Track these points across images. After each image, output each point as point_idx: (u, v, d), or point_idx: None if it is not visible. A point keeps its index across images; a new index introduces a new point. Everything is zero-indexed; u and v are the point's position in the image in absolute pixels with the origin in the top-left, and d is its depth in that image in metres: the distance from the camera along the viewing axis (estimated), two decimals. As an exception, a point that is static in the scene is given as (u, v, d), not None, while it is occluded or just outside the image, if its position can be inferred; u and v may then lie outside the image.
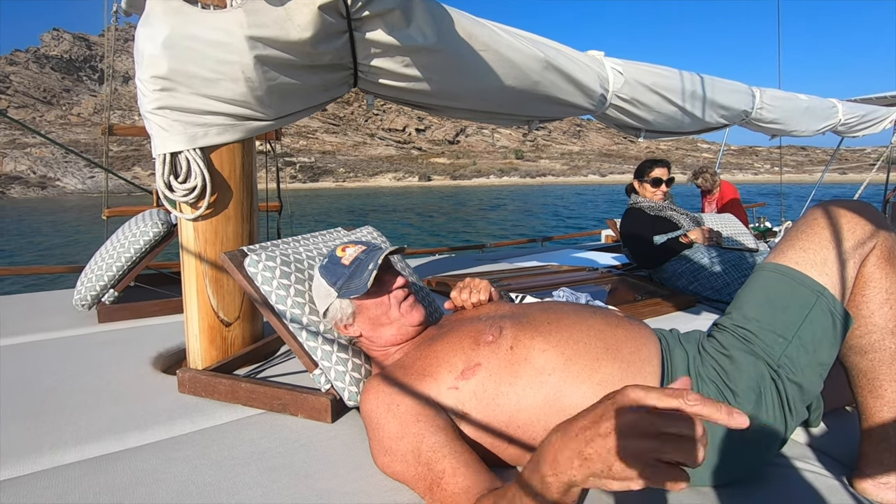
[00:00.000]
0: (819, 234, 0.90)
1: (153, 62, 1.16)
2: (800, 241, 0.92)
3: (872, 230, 0.88)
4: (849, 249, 0.88)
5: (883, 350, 0.88)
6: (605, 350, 0.90)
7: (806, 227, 0.93)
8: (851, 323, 0.89)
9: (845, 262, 0.88)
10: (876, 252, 0.88)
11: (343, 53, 1.33)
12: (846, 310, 0.89)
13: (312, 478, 0.93)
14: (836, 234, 0.88)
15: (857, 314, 0.90)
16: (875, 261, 0.89)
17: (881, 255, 0.88)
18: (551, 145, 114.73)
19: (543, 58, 1.72)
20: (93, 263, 2.05)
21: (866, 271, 0.89)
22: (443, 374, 0.92)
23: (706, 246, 2.46)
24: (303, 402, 1.16)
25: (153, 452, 1.02)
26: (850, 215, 0.89)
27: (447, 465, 0.79)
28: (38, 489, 0.90)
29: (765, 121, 2.92)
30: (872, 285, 0.89)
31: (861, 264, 0.89)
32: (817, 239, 0.90)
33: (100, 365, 1.49)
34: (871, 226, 0.88)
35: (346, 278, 1.06)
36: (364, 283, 1.02)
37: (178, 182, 1.28)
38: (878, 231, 0.88)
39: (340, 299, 1.07)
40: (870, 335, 0.89)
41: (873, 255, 0.89)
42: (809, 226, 0.92)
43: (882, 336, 0.88)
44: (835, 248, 0.88)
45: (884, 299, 0.88)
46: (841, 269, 0.88)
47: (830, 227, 0.89)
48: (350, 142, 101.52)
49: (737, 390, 0.88)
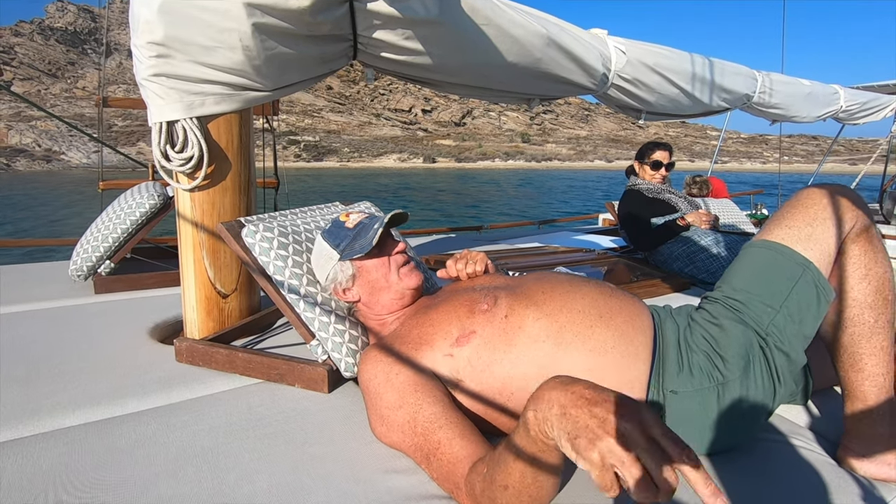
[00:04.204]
0: (803, 213, 0.95)
1: (149, 28, 1.14)
2: (786, 220, 0.97)
3: (852, 210, 0.93)
4: (831, 227, 0.93)
5: (862, 324, 0.92)
6: (599, 318, 0.91)
7: (791, 208, 0.98)
8: (833, 296, 0.93)
9: (828, 239, 0.93)
10: (855, 230, 0.93)
11: (343, 24, 1.31)
12: (829, 283, 0.93)
13: (309, 444, 0.95)
14: (819, 214, 0.94)
15: (838, 289, 0.94)
16: (855, 237, 0.93)
17: (860, 233, 0.93)
18: (558, 129, 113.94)
19: (546, 34, 1.69)
20: (88, 234, 2.04)
21: (847, 248, 0.94)
22: (438, 341, 0.93)
23: (703, 229, 2.47)
24: (300, 373, 1.17)
25: (153, 417, 1.04)
26: (831, 196, 0.95)
27: (443, 435, 0.81)
28: (38, 450, 0.91)
29: (766, 105, 2.90)
30: (852, 261, 0.93)
31: (842, 242, 0.94)
32: (802, 217, 0.95)
33: (96, 334, 1.49)
34: (850, 206, 0.93)
35: (349, 240, 1.09)
36: (370, 240, 1.05)
37: (174, 151, 1.27)
38: (856, 211, 0.93)
39: (342, 262, 1.09)
40: (849, 309, 0.93)
41: (853, 233, 0.94)
42: (794, 206, 0.98)
43: (861, 310, 0.92)
44: (818, 225, 0.93)
45: (862, 275, 0.92)
46: (824, 245, 0.93)
47: (815, 206, 0.95)
48: (356, 121, 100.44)
49: (726, 356, 0.90)
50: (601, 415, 0.53)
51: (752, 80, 2.72)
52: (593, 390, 0.57)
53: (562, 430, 0.55)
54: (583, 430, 0.53)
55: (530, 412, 0.60)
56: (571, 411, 0.55)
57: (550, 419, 0.57)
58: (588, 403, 0.55)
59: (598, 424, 0.53)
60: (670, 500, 0.50)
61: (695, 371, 0.90)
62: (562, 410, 0.56)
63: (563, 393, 0.57)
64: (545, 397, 0.59)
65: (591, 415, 0.54)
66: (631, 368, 0.89)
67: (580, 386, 0.58)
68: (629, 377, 0.88)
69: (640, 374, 0.89)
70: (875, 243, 0.93)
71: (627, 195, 2.71)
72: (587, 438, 0.52)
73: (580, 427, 0.54)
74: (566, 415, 0.55)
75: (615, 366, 0.88)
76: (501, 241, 3.56)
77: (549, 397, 0.58)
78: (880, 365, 0.91)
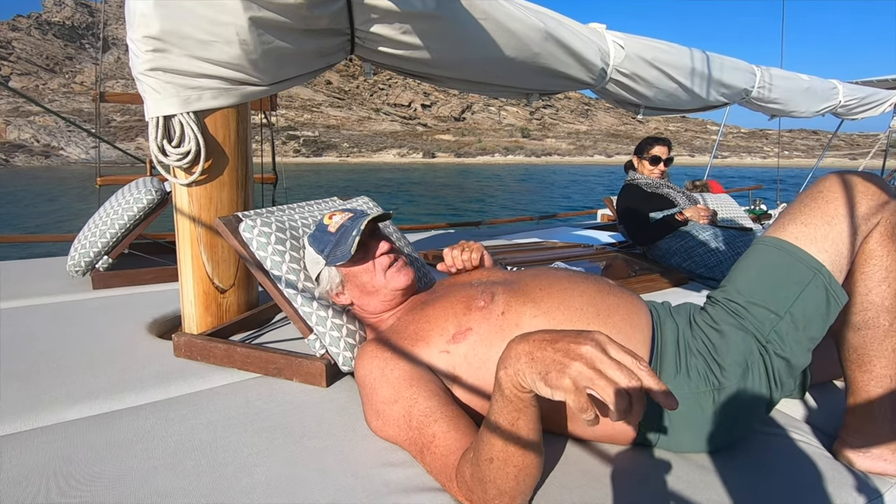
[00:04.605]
0: (823, 209, 0.88)
1: (145, 21, 1.13)
2: (802, 216, 0.90)
3: (880, 204, 0.86)
4: (852, 225, 0.86)
5: (877, 327, 0.88)
6: (597, 315, 0.91)
7: (810, 201, 0.90)
8: (845, 300, 0.88)
9: (847, 239, 0.86)
10: (880, 228, 0.87)
11: (340, 18, 1.31)
12: (842, 287, 0.88)
13: (307, 438, 0.95)
14: (839, 211, 0.86)
15: (854, 290, 0.89)
16: (878, 238, 0.87)
17: (885, 231, 0.86)
18: (558, 124, 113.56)
19: (544, 28, 1.69)
20: (86, 230, 2.04)
21: (868, 248, 0.88)
22: (434, 337, 0.93)
23: (701, 224, 2.48)
24: (298, 367, 1.17)
25: (151, 411, 1.04)
26: (860, 187, 0.86)
27: (437, 428, 0.81)
28: (37, 444, 0.92)
29: (765, 100, 2.89)
30: (873, 262, 0.87)
31: (864, 240, 0.88)
32: (820, 213, 0.88)
33: (95, 329, 1.50)
34: (879, 199, 0.86)
35: (332, 245, 1.07)
36: (347, 250, 1.03)
37: (171, 146, 1.26)
38: (886, 205, 0.86)
39: (329, 267, 1.08)
40: (865, 312, 0.89)
41: (877, 232, 0.87)
42: (814, 199, 0.90)
43: (877, 313, 0.88)
44: (837, 224, 0.86)
45: (882, 277, 0.87)
46: (841, 246, 0.86)
47: (836, 201, 0.87)
48: (355, 116, 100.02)
49: (724, 364, 0.88)
50: (563, 347, 0.59)
51: (750, 74, 2.72)
52: (551, 333, 0.63)
53: (534, 374, 0.60)
54: (551, 364, 0.59)
55: (501, 371, 0.65)
56: (537, 354, 0.61)
57: (521, 369, 0.62)
58: (549, 343, 0.61)
59: (563, 355, 0.58)
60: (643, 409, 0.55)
61: (692, 374, 0.88)
62: (529, 357, 0.61)
63: (525, 344, 0.63)
64: (511, 354, 0.64)
65: (554, 350, 0.59)
66: None
67: (538, 334, 0.64)
68: None
69: None
70: None
71: (626, 190, 2.71)
72: (556, 370, 0.58)
73: (548, 363, 0.59)
74: (534, 359, 0.61)
75: None
76: (500, 236, 3.56)
77: (515, 352, 0.63)
78: (889, 367, 0.88)
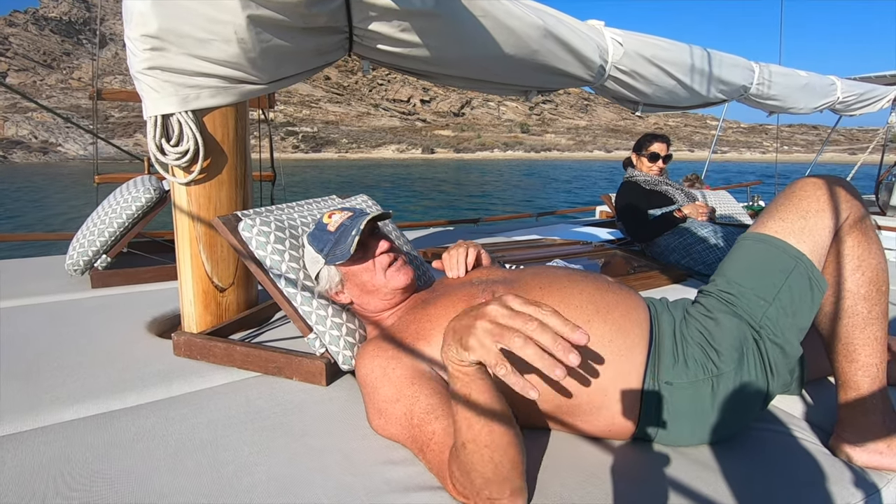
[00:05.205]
0: (797, 205, 0.95)
1: (143, 20, 1.13)
2: (779, 212, 0.97)
3: (846, 201, 0.93)
4: (824, 219, 0.93)
5: (856, 315, 0.92)
6: (596, 312, 0.92)
7: (785, 200, 0.98)
8: (826, 287, 0.93)
9: (821, 231, 0.93)
10: (849, 221, 0.94)
11: (338, 16, 1.30)
12: (822, 275, 0.94)
13: (307, 436, 0.95)
14: (812, 206, 0.94)
15: (831, 280, 0.95)
16: (847, 229, 0.94)
17: (853, 224, 0.94)
18: (558, 119, 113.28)
19: (542, 26, 1.68)
20: (84, 229, 2.03)
21: (840, 239, 0.94)
22: (436, 336, 0.93)
23: (700, 221, 2.48)
24: (298, 366, 1.17)
25: (151, 411, 1.04)
26: (825, 188, 0.94)
27: (437, 425, 0.82)
28: (38, 444, 0.92)
29: (763, 97, 2.89)
30: (846, 253, 0.94)
31: (836, 233, 0.94)
32: (795, 209, 0.95)
33: (94, 328, 1.50)
34: (844, 197, 0.93)
35: (331, 245, 1.07)
36: (346, 249, 1.03)
37: (170, 145, 1.26)
38: (850, 202, 0.93)
39: (328, 266, 1.08)
40: (843, 300, 0.93)
41: (846, 224, 0.94)
42: (788, 198, 0.97)
43: (855, 301, 0.93)
44: (811, 217, 0.93)
45: (856, 266, 0.93)
46: (817, 237, 0.93)
47: (808, 198, 0.95)
48: (354, 112, 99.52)
49: (720, 349, 0.91)
50: (472, 312, 0.68)
51: (749, 71, 2.72)
52: (471, 308, 0.70)
53: (456, 344, 0.68)
54: (464, 330, 0.67)
55: (442, 354, 0.72)
56: (456, 325, 0.69)
57: (453, 345, 0.69)
58: (465, 315, 0.69)
59: (472, 318, 0.67)
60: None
61: (689, 363, 0.90)
62: (452, 331, 0.69)
63: (453, 321, 0.71)
64: (447, 338, 0.71)
65: (467, 317, 0.68)
66: (628, 361, 0.89)
67: (462, 312, 0.71)
68: (626, 369, 0.89)
69: (637, 366, 0.90)
70: (869, 234, 0.94)
71: (625, 187, 2.71)
72: (467, 333, 0.66)
73: (463, 330, 0.67)
74: (455, 330, 0.69)
75: (612, 359, 0.88)
76: (499, 233, 3.56)
77: (447, 331, 0.71)
78: (874, 355, 0.92)
